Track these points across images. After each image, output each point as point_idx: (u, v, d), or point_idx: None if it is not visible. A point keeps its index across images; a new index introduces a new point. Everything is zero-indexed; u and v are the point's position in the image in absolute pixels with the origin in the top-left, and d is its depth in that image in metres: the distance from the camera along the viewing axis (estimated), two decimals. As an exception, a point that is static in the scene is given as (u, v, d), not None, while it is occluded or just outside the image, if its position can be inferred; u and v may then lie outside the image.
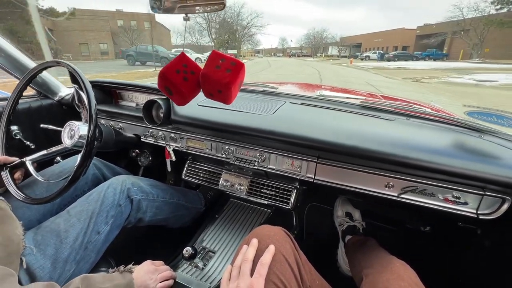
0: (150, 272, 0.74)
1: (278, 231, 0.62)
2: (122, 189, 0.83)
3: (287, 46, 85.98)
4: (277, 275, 0.51)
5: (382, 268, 0.66)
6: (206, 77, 0.55)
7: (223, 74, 0.53)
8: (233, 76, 0.53)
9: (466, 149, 0.69)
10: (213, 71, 0.54)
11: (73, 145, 0.81)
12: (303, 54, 66.59)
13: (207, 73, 0.54)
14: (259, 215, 1.14)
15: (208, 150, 0.98)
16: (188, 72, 0.55)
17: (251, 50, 76.27)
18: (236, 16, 36.73)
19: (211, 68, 0.54)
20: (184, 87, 0.56)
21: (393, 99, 1.35)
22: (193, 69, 0.56)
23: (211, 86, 0.55)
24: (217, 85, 0.54)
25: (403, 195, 0.74)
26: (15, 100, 0.84)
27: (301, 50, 70.69)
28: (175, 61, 0.56)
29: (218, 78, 0.53)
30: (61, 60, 0.80)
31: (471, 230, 0.93)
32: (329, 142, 0.74)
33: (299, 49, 72.67)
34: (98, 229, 0.75)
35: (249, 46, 57.07)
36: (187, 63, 0.56)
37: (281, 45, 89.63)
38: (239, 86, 0.58)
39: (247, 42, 47.98)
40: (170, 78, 0.55)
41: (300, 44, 69.47)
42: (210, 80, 0.54)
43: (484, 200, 0.66)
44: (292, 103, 0.99)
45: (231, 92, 0.55)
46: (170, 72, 0.55)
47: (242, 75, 0.55)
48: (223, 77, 0.53)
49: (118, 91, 1.21)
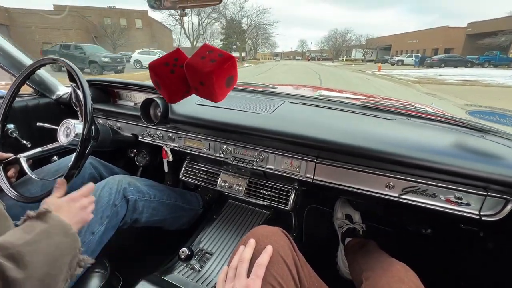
0: (73, 200, 0.60)
1: (276, 232, 0.60)
2: (118, 188, 0.82)
3: (307, 49, 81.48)
4: (274, 277, 0.50)
5: (382, 271, 0.64)
6: (189, 67, 0.51)
7: (206, 63, 0.50)
8: (216, 66, 0.49)
9: (468, 148, 0.67)
10: (197, 60, 0.50)
11: (69, 143, 0.80)
12: (324, 58, 62.42)
13: (190, 62, 0.51)
14: (257, 217, 1.13)
15: (206, 149, 0.96)
16: (177, 65, 0.53)
17: (270, 53, 73.93)
18: (240, 10, 33.76)
19: (195, 58, 0.51)
20: (170, 80, 0.53)
21: (393, 100, 1.34)
22: (183, 63, 0.53)
23: (194, 76, 0.52)
24: (199, 75, 0.51)
25: (404, 195, 0.72)
26: (11, 98, 0.83)
27: (321, 53, 66.18)
28: (167, 55, 0.54)
29: (200, 67, 0.50)
30: (57, 57, 0.79)
31: (474, 232, 0.91)
32: (328, 141, 0.73)
33: (319, 52, 68.33)
34: (93, 230, 0.74)
35: (265, 49, 54.67)
36: (179, 57, 0.53)
37: (301, 48, 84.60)
38: (229, 83, 0.54)
39: (261, 44, 45.93)
40: (156, 71, 0.53)
41: (320, 46, 62.74)
42: (192, 69, 0.51)
43: (487, 201, 0.65)
44: (291, 103, 0.98)
45: (214, 84, 0.51)
46: (158, 65, 0.53)
47: (230, 69, 0.52)
48: (204, 66, 0.49)
49: (117, 90, 1.20)
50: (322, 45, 60.94)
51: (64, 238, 0.49)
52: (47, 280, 0.44)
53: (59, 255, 0.47)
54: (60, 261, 0.47)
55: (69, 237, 0.50)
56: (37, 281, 0.42)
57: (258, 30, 39.61)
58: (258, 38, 42.25)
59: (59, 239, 0.48)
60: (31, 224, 0.48)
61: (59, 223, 0.50)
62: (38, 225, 0.47)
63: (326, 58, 61.37)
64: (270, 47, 52.10)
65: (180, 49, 0.55)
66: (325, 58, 62.17)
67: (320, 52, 67.31)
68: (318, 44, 63.55)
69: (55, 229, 0.49)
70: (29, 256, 0.42)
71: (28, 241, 0.44)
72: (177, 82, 0.54)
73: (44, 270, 0.44)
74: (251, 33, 39.07)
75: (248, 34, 38.70)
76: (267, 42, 45.60)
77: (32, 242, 0.44)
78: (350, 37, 52.43)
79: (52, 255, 0.46)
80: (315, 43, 70.93)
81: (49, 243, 0.46)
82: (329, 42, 55.88)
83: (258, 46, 47.36)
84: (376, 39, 46.94)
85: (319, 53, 67.45)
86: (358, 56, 48.45)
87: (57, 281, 0.46)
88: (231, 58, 0.51)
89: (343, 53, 53.74)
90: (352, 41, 52.53)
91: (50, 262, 0.45)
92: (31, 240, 0.44)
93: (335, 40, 54.07)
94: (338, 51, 53.93)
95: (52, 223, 0.49)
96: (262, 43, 45.61)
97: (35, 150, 0.83)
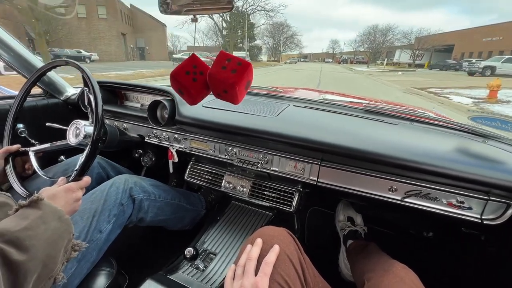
0: (70, 190, 0.61)
1: (282, 232, 0.61)
2: (124, 188, 0.83)
3: (340, 51, 72.16)
4: (281, 275, 0.51)
5: (383, 272, 0.65)
6: (212, 78, 0.56)
7: (228, 74, 0.54)
8: (238, 76, 0.54)
9: (470, 153, 0.69)
10: (219, 71, 0.55)
11: (78, 144, 0.82)
12: (358, 60, 54.05)
13: (213, 74, 0.55)
14: (260, 218, 1.14)
15: (211, 151, 0.98)
16: (197, 73, 0.57)
17: (299, 55, 68.41)
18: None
19: (217, 69, 0.55)
20: (193, 88, 0.57)
21: (396, 104, 1.35)
22: (202, 69, 0.57)
23: (218, 86, 0.56)
24: (223, 85, 0.55)
25: (407, 199, 0.73)
26: (22, 98, 0.85)
27: (355, 55, 56.96)
28: (186, 62, 0.58)
29: (223, 79, 0.54)
30: (69, 60, 0.81)
31: (475, 236, 0.92)
32: (332, 145, 0.74)
33: (352, 53, 59.02)
34: (100, 228, 0.75)
35: (288, 50, 48.96)
36: (197, 64, 0.57)
37: (332, 49, 75.55)
38: (247, 86, 0.59)
39: (284, 44, 40.90)
40: (179, 80, 0.56)
41: (354, 47, 52.12)
42: (216, 80, 0.55)
43: (488, 205, 0.66)
44: (295, 106, 0.99)
45: (237, 92, 0.56)
46: (180, 74, 0.56)
47: (249, 75, 0.56)
48: (228, 78, 0.54)
49: (124, 92, 1.22)
50: (357, 46, 50.17)
51: (59, 223, 0.51)
52: (48, 261, 0.46)
53: (57, 238, 0.49)
54: (58, 244, 0.49)
55: (63, 221, 0.52)
56: (40, 262, 0.44)
57: (279, 28, 34.13)
58: (279, 35, 37.09)
59: (55, 224, 0.50)
60: (24, 211, 0.49)
61: (52, 209, 0.51)
62: (31, 212, 0.48)
63: (361, 60, 52.97)
64: (295, 47, 46.82)
65: (196, 55, 0.57)
66: (359, 60, 53.98)
67: (353, 53, 58.24)
68: (352, 45, 52.87)
69: (49, 215, 0.50)
70: (28, 240, 0.44)
71: (25, 227, 0.45)
72: (199, 88, 0.58)
73: (45, 252, 0.46)
74: (268, 28, 34.19)
75: (259, 28, 33.82)
76: (292, 41, 40.75)
77: (29, 228, 0.45)
78: (394, 35, 41.32)
79: (50, 238, 0.48)
80: (349, 43, 56.94)
81: (46, 228, 0.48)
82: (366, 41, 45.09)
83: (280, 45, 41.87)
84: (430, 38, 33.92)
85: (352, 55, 58.91)
86: (403, 59, 36.90)
87: (57, 263, 0.48)
88: (249, 66, 0.55)
89: (383, 55, 43.79)
90: (396, 41, 41.62)
91: (50, 244, 0.47)
92: (28, 226, 0.45)
93: (374, 40, 43.18)
94: (376, 52, 44.13)
95: (46, 210, 0.50)
96: (285, 43, 40.30)
97: (44, 145, 0.85)
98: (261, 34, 40.38)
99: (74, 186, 0.63)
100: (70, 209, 0.60)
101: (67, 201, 0.59)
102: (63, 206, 0.56)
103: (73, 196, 0.61)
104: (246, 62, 0.55)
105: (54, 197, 0.57)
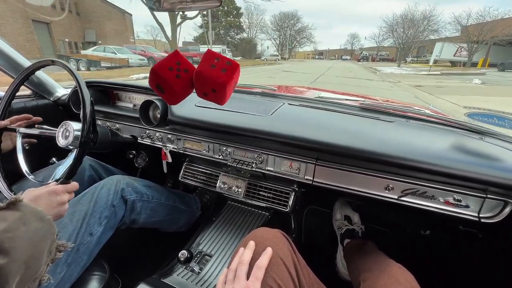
0: (55, 193, 0.59)
1: (276, 234, 0.60)
2: (116, 189, 0.82)
3: (360, 46, 62.36)
4: (274, 279, 0.50)
5: (379, 272, 0.65)
6: (201, 76, 0.53)
7: (219, 73, 0.52)
8: (228, 75, 0.53)
9: (467, 151, 0.68)
10: (208, 69, 0.53)
11: (67, 146, 0.79)
12: (381, 58, 44.91)
13: (201, 72, 0.53)
14: (257, 218, 1.13)
15: (205, 151, 0.96)
16: (181, 70, 0.54)
17: (313, 52, 60.16)
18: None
19: (206, 67, 0.53)
20: (177, 85, 0.54)
21: (392, 102, 1.34)
22: (187, 67, 0.55)
23: (206, 85, 0.54)
24: (212, 84, 0.54)
25: (403, 197, 0.72)
26: (8, 100, 0.83)
27: (378, 51, 46.87)
28: (168, 58, 0.55)
29: (214, 77, 0.52)
30: (56, 59, 0.78)
31: (472, 234, 0.92)
32: (328, 143, 0.73)
33: (375, 50, 49.05)
34: (91, 231, 0.73)
35: (299, 46, 42.62)
36: (180, 61, 0.54)
37: (350, 45, 65.30)
38: (233, 87, 0.57)
39: (293, 39, 35.51)
40: (162, 75, 0.54)
41: (377, 41, 40.66)
42: (205, 78, 0.53)
43: (486, 203, 0.65)
44: (290, 105, 0.98)
45: (226, 91, 0.54)
46: (163, 69, 0.54)
47: (237, 75, 0.55)
48: (218, 76, 0.52)
49: (116, 92, 1.20)
50: (381, 39, 38.90)
51: (40, 223, 0.49)
52: (31, 263, 0.44)
53: (39, 240, 0.47)
54: (41, 245, 0.48)
55: (45, 222, 0.50)
56: (22, 264, 0.43)
57: (286, 20, 27.22)
58: (286, 29, 30.72)
59: (36, 225, 0.48)
60: (2, 214, 0.47)
61: (32, 209, 0.49)
62: (10, 214, 0.46)
63: (386, 58, 44.27)
64: (306, 43, 39.56)
65: (179, 51, 0.55)
66: (383, 58, 44.95)
67: (376, 50, 48.28)
68: (375, 38, 41.61)
69: (29, 216, 0.48)
70: (8, 243, 0.42)
71: (4, 229, 0.43)
72: (183, 87, 0.55)
73: (27, 254, 0.44)
74: (272, 20, 27.83)
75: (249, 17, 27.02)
76: (303, 35, 34.23)
77: (8, 230, 0.43)
78: (430, 25, 29.07)
79: (32, 239, 0.46)
80: (371, 37, 47.07)
81: (27, 229, 0.46)
82: (393, 34, 32.70)
83: (287, 40, 35.53)
84: (489, 24, 23.13)
85: (374, 51, 49.01)
86: (445, 56, 25.58)
87: (40, 265, 0.46)
88: (238, 66, 0.54)
89: (415, 51, 33.22)
90: (431, 33, 29.66)
91: (32, 246, 0.45)
92: (7, 228, 0.43)
93: (403, 32, 30.54)
94: (408, 48, 30.96)
95: (26, 211, 0.48)
96: (294, 37, 33.79)
97: (33, 130, 0.84)
98: (266, 27, 34.67)
99: (60, 189, 0.60)
100: (54, 212, 0.57)
101: (49, 204, 0.57)
102: (45, 208, 0.54)
103: (57, 199, 0.59)
104: (235, 62, 0.53)
105: (36, 198, 0.55)
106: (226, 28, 29.83)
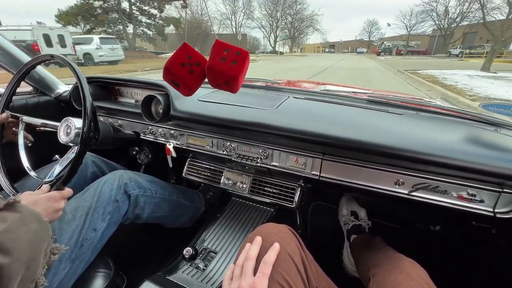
0: (53, 199, 0.59)
1: (283, 229, 0.59)
2: (119, 184, 0.81)
3: (380, 37, 48.47)
4: (281, 274, 0.48)
5: (390, 267, 0.63)
6: (213, 70, 0.54)
7: (230, 66, 0.53)
8: (239, 67, 0.53)
9: (481, 143, 0.65)
10: (219, 63, 0.53)
11: (69, 142, 0.78)
12: (411, 50, 33.33)
13: (213, 66, 0.53)
14: (262, 214, 1.11)
15: (209, 147, 0.95)
16: (193, 64, 0.55)
17: (324, 44, 50.49)
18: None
19: (216, 60, 0.53)
20: (190, 79, 0.55)
21: (400, 94, 1.31)
22: (198, 60, 0.55)
23: (218, 78, 0.55)
24: (224, 78, 0.54)
25: (414, 192, 0.70)
26: (9, 95, 0.82)
27: (404, 41, 34.16)
28: (178, 53, 0.55)
29: (225, 71, 0.53)
30: (55, 54, 0.77)
31: (485, 229, 0.89)
32: (335, 137, 0.70)
33: (400, 39, 36.20)
34: (95, 226, 0.72)
35: (305, 40, 34.99)
36: (191, 54, 0.55)
37: (367, 35, 50.41)
38: (245, 75, 0.58)
39: (290, 27, 28.81)
40: (175, 72, 0.54)
41: (408, 25, 31.11)
42: (217, 73, 0.54)
43: (501, 198, 0.62)
44: (295, 98, 0.95)
45: (238, 82, 0.55)
46: (175, 66, 0.54)
47: (247, 64, 0.55)
48: (230, 70, 0.53)
49: (118, 88, 1.18)
50: (413, 22, 29.16)
51: (39, 225, 0.49)
52: (31, 263, 0.45)
53: (38, 240, 0.48)
54: (39, 246, 0.48)
55: (43, 224, 0.50)
56: (23, 264, 0.43)
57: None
58: (285, 18, 24.10)
59: (35, 226, 0.48)
60: (1, 214, 0.47)
61: (30, 211, 0.50)
62: (10, 215, 0.46)
63: (416, 50, 32.93)
64: (309, 32, 32.05)
65: (187, 44, 0.54)
66: (413, 50, 33.34)
67: (402, 39, 35.67)
68: (404, 22, 31.72)
69: (28, 217, 0.49)
70: (10, 243, 0.42)
71: (5, 229, 0.43)
72: (196, 80, 0.57)
73: (28, 254, 0.44)
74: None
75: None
76: (308, 24, 26.71)
77: (9, 230, 0.44)
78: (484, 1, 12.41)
79: (32, 240, 0.46)
80: (396, 23, 38.13)
81: (27, 230, 0.46)
82: (425, 17, 23.78)
83: (289, 30, 28.17)
84: None
85: (400, 41, 35.89)
86: None
87: (38, 266, 0.47)
88: (247, 54, 0.54)
89: (458, 40, 23.24)
90: (491, 10, 13.69)
91: (32, 247, 0.46)
92: (8, 228, 0.44)
93: (443, 15, 21.02)
94: (448, 36, 21.51)
95: (25, 212, 0.49)
96: (293, 25, 26.20)
97: (36, 119, 0.84)
98: (251, 10, 26.83)
99: (58, 196, 0.61)
100: (49, 218, 0.57)
101: (46, 209, 0.57)
102: (42, 213, 0.54)
103: (54, 205, 0.60)
104: (245, 51, 0.53)
105: (35, 203, 0.55)
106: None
